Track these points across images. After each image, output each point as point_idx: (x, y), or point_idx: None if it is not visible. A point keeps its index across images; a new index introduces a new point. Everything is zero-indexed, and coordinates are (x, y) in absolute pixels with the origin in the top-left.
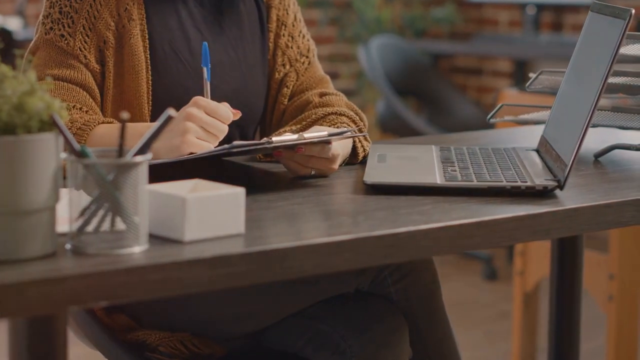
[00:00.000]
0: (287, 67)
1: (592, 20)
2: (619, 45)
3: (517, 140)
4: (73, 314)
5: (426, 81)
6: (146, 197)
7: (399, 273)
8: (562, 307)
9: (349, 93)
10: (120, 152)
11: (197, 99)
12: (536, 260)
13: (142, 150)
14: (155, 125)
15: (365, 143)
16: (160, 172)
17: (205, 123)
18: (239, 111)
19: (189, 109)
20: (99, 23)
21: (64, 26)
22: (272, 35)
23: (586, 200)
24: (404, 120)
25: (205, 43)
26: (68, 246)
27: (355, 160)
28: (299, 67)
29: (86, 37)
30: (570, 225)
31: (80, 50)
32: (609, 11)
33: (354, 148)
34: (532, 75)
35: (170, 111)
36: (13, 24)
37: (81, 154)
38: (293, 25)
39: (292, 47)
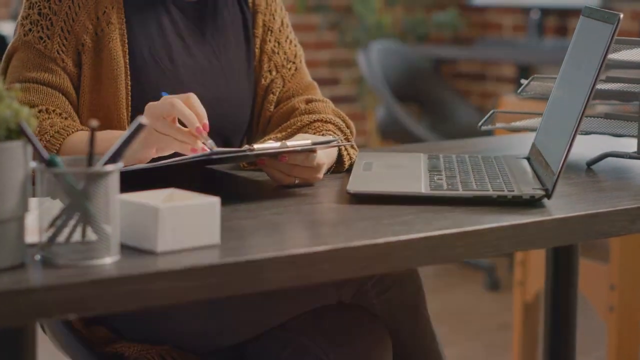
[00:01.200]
0: (274, 73)
1: (583, 25)
2: (607, 50)
3: (511, 147)
4: (50, 325)
5: (428, 87)
6: (118, 206)
7: (382, 284)
8: (557, 318)
9: (349, 99)
10: (90, 160)
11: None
12: (537, 270)
13: (113, 159)
14: (126, 132)
15: (351, 151)
16: (139, 181)
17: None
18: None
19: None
20: (77, 25)
21: (42, 28)
22: (258, 41)
23: (575, 209)
24: (404, 127)
25: (165, 93)
26: (38, 257)
27: (341, 168)
28: (285, 73)
29: (64, 40)
30: (558, 235)
31: (58, 53)
32: (599, 15)
33: (340, 156)
34: (523, 81)
35: (141, 119)
36: (7, 28)
37: (50, 163)
38: (280, 31)
39: (278, 53)
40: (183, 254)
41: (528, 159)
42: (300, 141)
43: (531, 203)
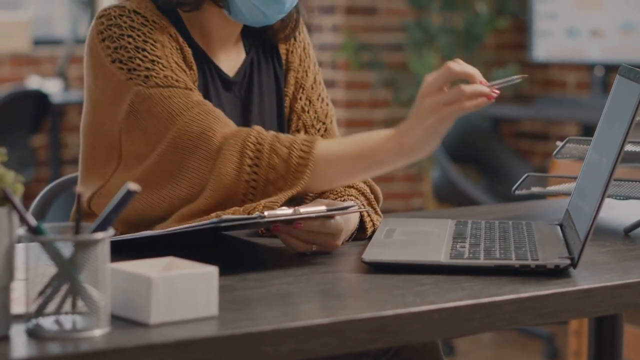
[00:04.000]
0: (302, 133)
1: (619, 85)
2: (636, 111)
3: (551, 212)
4: None
5: (486, 147)
6: (108, 276)
7: (399, 358)
8: None
9: None
10: (77, 228)
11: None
12: None
13: (102, 226)
14: (115, 199)
15: (375, 217)
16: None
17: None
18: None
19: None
20: (174, 51)
21: (162, 67)
22: (288, 100)
23: (602, 279)
24: (460, 189)
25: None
26: (25, 329)
27: (363, 235)
28: (314, 134)
29: (181, 69)
30: (582, 307)
31: (187, 83)
32: (633, 76)
33: (362, 222)
34: (559, 143)
35: (130, 185)
36: (52, 86)
37: (37, 231)
38: (312, 88)
39: (308, 112)
40: (177, 326)
41: (561, 225)
42: (314, 207)
43: (556, 273)
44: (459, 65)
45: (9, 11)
